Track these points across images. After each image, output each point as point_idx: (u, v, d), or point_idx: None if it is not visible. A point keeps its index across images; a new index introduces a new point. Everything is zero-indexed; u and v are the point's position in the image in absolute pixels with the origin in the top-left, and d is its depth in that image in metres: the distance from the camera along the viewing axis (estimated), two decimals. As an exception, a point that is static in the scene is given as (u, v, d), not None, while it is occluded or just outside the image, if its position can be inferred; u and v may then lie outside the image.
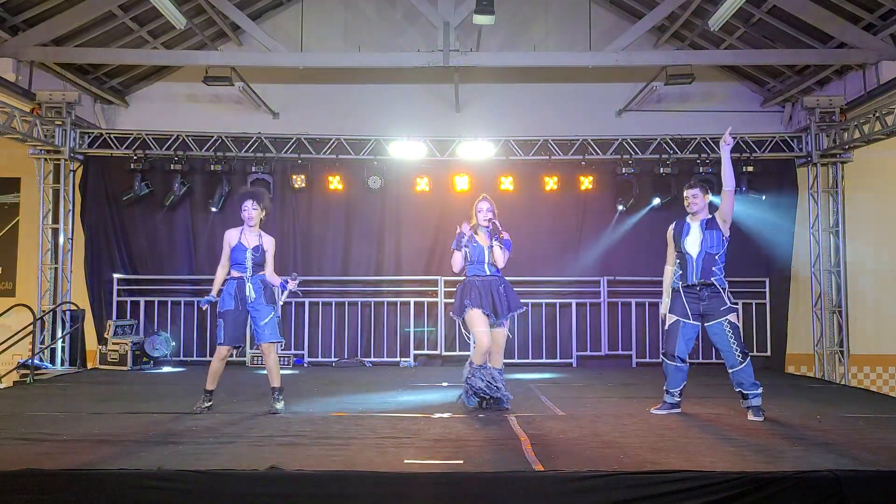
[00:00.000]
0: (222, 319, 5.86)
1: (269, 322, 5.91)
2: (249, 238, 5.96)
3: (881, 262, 10.62)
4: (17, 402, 6.63)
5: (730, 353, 5.65)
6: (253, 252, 5.92)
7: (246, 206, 5.97)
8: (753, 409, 5.66)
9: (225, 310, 5.86)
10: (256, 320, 5.91)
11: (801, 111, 9.98)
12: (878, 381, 10.49)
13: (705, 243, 5.76)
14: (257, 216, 6.01)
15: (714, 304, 5.72)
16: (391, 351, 10.21)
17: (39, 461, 4.09)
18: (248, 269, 5.91)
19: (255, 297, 5.88)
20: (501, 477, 3.86)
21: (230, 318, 5.86)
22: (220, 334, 5.86)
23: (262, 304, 5.91)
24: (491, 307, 5.91)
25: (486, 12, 7.84)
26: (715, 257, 5.75)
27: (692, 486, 3.69)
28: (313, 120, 10.47)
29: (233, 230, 5.99)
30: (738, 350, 5.64)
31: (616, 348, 10.18)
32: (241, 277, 5.91)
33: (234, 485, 3.73)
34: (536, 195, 10.27)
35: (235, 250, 5.90)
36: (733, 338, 5.66)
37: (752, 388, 5.64)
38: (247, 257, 5.90)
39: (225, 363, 6.03)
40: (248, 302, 5.88)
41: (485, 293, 5.93)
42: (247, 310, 5.90)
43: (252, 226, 6.00)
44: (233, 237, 5.94)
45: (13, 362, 9.18)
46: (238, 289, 5.88)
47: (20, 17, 8.64)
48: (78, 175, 10.23)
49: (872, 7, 8.27)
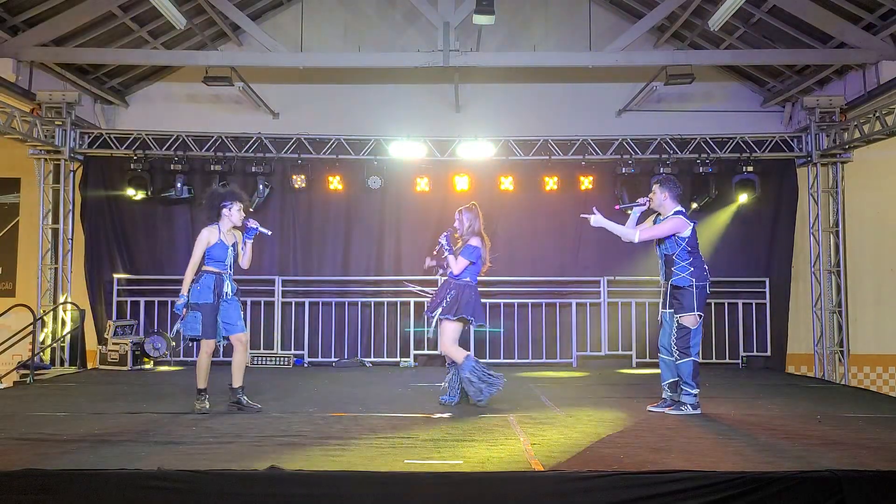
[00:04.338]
0: (199, 312, 5.84)
1: (240, 314, 6.03)
2: (228, 236, 6.03)
3: (881, 262, 10.62)
4: (17, 402, 6.63)
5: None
6: (233, 249, 6.01)
7: (238, 207, 6.03)
8: (677, 403, 5.87)
9: (203, 302, 5.85)
10: (229, 313, 5.95)
11: (802, 111, 9.98)
12: (878, 381, 10.50)
13: (662, 246, 5.90)
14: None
15: (675, 303, 5.84)
16: (391, 351, 10.21)
17: (39, 461, 4.08)
18: (228, 267, 5.99)
19: (231, 293, 5.97)
20: (501, 477, 3.86)
21: (209, 310, 5.86)
22: (198, 328, 5.83)
23: (234, 299, 6.01)
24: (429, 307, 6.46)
25: (486, 12, 7.83)
26: (673, 257, 5.82)
27: (692, 486, 3.69)
28: (313, 120, 10.47)
29: (210, 228, 5.99)
30: (677, 348, 5.79)
31: (616, 348, 10.18)
32: (220, 274, 5.94)
33: (234, 485, 3.73)
34: (536, 195, 10.27)
35: (216, 248, 5.94)
36: (676, 335, 5.80)
37: (686, 385, 5.81)
38: (228, 254, 5.97)
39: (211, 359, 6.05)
40: (223, 297, 5.93)
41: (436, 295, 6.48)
42: (219, 305, 5.93)
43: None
44: (212, 236, 5.96)
45: (13, 362, 9.19)
46: (217, 284, 5.91)
47: (20, 17, 8.63)
48: (78, 175, 10.23)
49: (872, 7, 8.27)
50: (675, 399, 5.95)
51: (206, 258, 5.95)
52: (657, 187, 5.98)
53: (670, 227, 5.81)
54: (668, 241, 5.86)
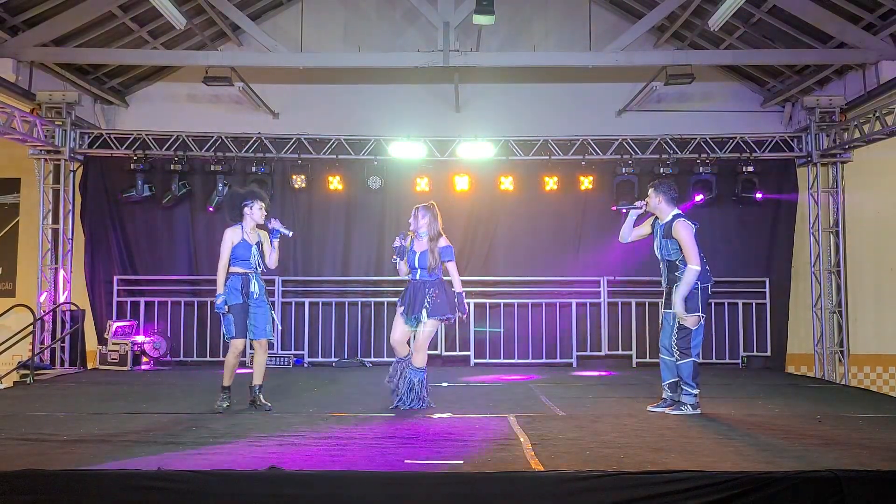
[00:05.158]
0: (230, 313, 5.91)
1: (269, 318, 6.07)
2: (251, 235, 6.03)
3: (881, 262, 10.62)
4: (17, 402, 6.63)
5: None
6: (257, 248, 6.02)
7: (259, 206, 6.04)
8: (677, 403, 5.89)
9: (233, 303, 5.92)
10: (257, 316, 5.99)
11: (801, 111, 9.99)
12: (878, 381, 10.49)
13: (663, 250, 5.90)
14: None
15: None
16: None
17: (39, 462, 4.09)
18: (254, 266, 5.99)
19: (259, 293, 5.98)
20: (501, 477, 3.86)
21: (238, 311, 5.93)
22: (230, 328, 5.92)
23: (263, 300, 6.04)
24: (409, 308, 6.09)
25: (485, 12, 7.83)
26: (676, 262, 5.83)
27: (692, 486, 3.69)
28: (313, 120, 10.46)
29: (234, 228, 6.02)
30: (678, 349, 5.79)
31: (616, 348, 10.18)
32: (246, 274, 5.97)
33: (234, 485, 3.73)
34: (536, 195, 10.27)
35: (240, 248, 5.95)
36: (676, 335, 5.80)
37: (686, 385, 5.83)
38: (252, 254, 5.98)
39: (240, 358, 6.10)
40: (251, 297, 5.97)
41: (411, 296, 6.12)
42: (248, 304, 5.97)
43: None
44: (235, 235, 5.98)
45: (13, 363, 9.18)
46: (244, 284, 5.96)
47: (20, 17, 8.63)
48: (78, 175, 10.23)
49: (872, 7, 8.26)
50: (675, 399, 5.96)
51: (232, 258, 5.97)
52: (652, 191, 6.00)
53: (689, 236, 5.75)
54: (670, 246, 5.83)
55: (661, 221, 5.97)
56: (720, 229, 10.17)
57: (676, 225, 5.80)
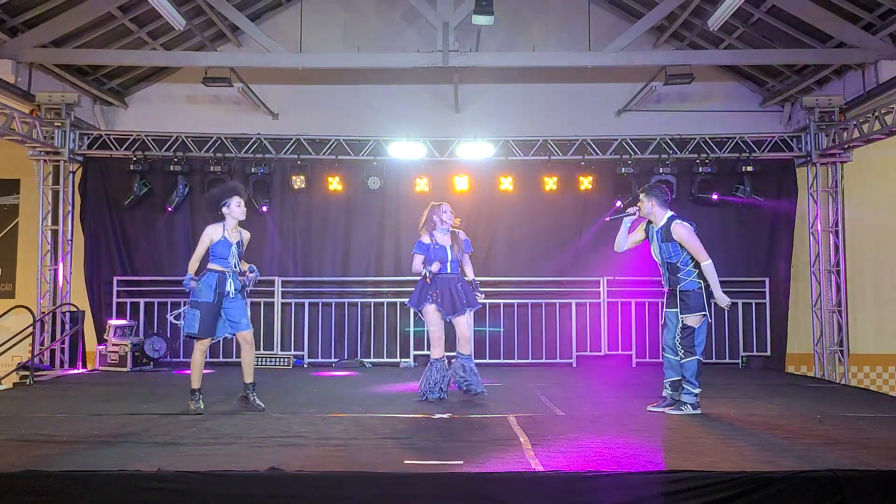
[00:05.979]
0: (198, 310, 5.84)
1: (245, 312, 6.06)
2: (233, 234, 6.01)
3: (881, 262, 10.62)
4: (17, 403, 6.62)
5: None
6: (237, 247, 6.00)
7: (237, 202, 6.01)
8: (677, 403, 5.90)
9: (202, 301, 5.85)
10: (233, 311, 5.94)
11: (801, 111, 9.98)
12: (878, 381, 10.49)
13: (664, 254, 5.89)
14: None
15: (681, 304, 5.83)
16: (391, 351, 10.21)
17: (39, 463, 4.09)
18: (231, 265, 5.96)
19: (234, 291, 5.95)
20: (501, 477, 3.86)
21: (207, 309, 5.85)
22: (195, 325, 5.83)
23: (238, 297, 6.00)
24: (450, 304, 6.49)
25: (485, 13, 7.83)
26: (678, 265, 5.82)
27: (692, 486, 3.69)
28: (313, 120, 10.46)
29: (215, 226, 6.00)
30: (682, 347, 5.81)
31: (616, 348, 10.17)
32: (223, 272, 5.93)
33: (234, 485, 3.73)
34: (536, 195, 10.27)
35: (219, 245, 5.93)
36: (680, 334, 5.81)
37: (688, 384, 5.85)
38: (231, 252, 5.95)
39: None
40: (226, 297, 5.92)
41: (444, 291, 6.49)
42: (220, 304, 5.92)
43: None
44: (216, 233, 5.96)
45: (13, 364, 9.18)
46: (219, 283, 5.90)
47: (19, 18, 8.62)
48: (77, 176, 10.22)
49: (872, 7, 8.27)
50: (675, 398, 5.95)
51: (211, 255, 5.95)
52: (643, 197, 6.00)
53: (691, 236, 5.77)
54: (671, 249, 5.82)
55: (656, 226, 5.95)
56: (720, 229, 10.16)
57: (675, 227, 5.79)
